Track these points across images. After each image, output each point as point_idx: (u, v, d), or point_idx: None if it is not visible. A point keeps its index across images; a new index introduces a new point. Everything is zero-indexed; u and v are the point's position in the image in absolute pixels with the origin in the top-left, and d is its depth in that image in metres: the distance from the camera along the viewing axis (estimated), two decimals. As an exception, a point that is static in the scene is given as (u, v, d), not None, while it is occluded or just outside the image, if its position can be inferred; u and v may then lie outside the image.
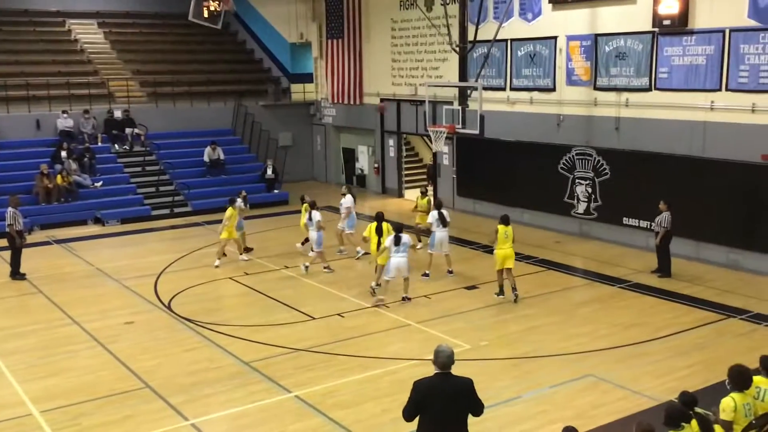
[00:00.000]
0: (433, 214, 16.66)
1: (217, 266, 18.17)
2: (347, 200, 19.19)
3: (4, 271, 17.81)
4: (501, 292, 15.19)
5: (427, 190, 19.38)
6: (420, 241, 19.45)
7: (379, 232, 15.92)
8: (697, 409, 7.23)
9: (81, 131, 26.09)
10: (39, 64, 28.25)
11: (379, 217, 16.26)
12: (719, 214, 17.13)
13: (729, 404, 7.29)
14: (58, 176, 23.48)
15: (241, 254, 18.95)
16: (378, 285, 15.51)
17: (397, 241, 14.76)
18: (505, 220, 15.15)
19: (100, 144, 26.24)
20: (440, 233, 16.67)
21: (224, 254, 18.66)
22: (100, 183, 24.74)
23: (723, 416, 7.29)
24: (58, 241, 21.38)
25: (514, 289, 14.99)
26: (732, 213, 16.92)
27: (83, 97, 26.89)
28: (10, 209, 17.57)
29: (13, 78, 26.62)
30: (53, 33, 30.77)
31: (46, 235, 21.97)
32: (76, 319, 14.71)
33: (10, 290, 16.88)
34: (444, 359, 6.90)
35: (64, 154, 24.36)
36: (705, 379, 11.05)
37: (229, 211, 18.60)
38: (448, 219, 16.83)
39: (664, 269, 16.66)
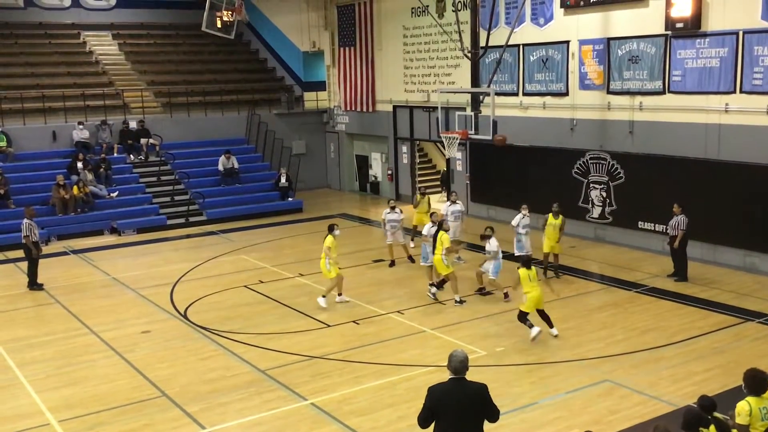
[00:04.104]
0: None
1: (347, 300, 15.83)
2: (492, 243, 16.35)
3: (22, 282, 17.96)
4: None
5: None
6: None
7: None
8: (716, 414, 7.18)
9: (98, 141, 26.30)
10: (54, 76, 28.57)
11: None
12: (735, 216, 17.02)
13: (744, 408, 7.24)
14: (75, 187, 23.67)
15: (339, 294, 15.85)
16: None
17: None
18: (527, 264, 13.40)
19: (115, 154, 26.44)
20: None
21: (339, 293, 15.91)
22: (116, 193, 24.91)
23: (738, 420, 7.24)
24: (75, 252, 21.54)
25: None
26: (748, 215, 16.80)
27: (98, 109, 27.12)
28: (25, 220, 17.73)
29: (29, 90, 26.92)
30: (68, 45, 31.10)
31: (63, 246, 22.14)
32: (93, 328, 14.81)
33: (27, 300, 17.02)
34: (456, 363, 6.90)
35: (80, 165, 24.56)
36: (723, 383, 10.98)
37: (329, 239, 15.50)
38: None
39: (680, 273, 16.55)
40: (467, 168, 24.33)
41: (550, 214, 16.89)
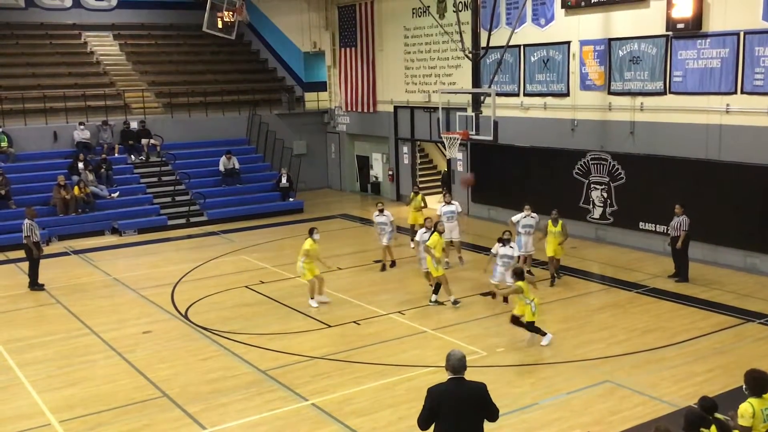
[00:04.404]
0: None
1: (316, 306, 15.66)
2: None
3: (23, 282, 17.96)
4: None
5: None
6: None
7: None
8: (717, 415, 7.17)
9: (99, 142, 26.31)
10: (55, 76, 28.57)
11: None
12: (736, 217, 17.01)
13: (747, 410, 7.21)
14: (75, 187, 23.67)
15: (320, 294, 15.82)
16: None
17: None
18: (521, 276, 13.04)
19: (116, 155, 26.45)
20: None
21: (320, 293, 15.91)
22: (117, 194, 24.91)
23: (741, 422, 7.21)
24: (76, 252, 21.55)
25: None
26: (749, 216, 16.80)
27: (99, 109, 27.12)
28: (26, 221, 17.74)
29: (30, 90, 26.92)
30: (69, 45, 31.10)
31: (64, 246, 22.14)
32: (94, 328, 14.81)
33: (28, 301, 17.02)
34: (455, 362, 6.90)
35: (81, 165, 24.57)
36: (724, 384, 10.97)
37: (308, 242, 15.66)
38: None
39: (681, 274, 16.54)
40: (468, 168, 24.32)
41: (549, 221, 16.67)
